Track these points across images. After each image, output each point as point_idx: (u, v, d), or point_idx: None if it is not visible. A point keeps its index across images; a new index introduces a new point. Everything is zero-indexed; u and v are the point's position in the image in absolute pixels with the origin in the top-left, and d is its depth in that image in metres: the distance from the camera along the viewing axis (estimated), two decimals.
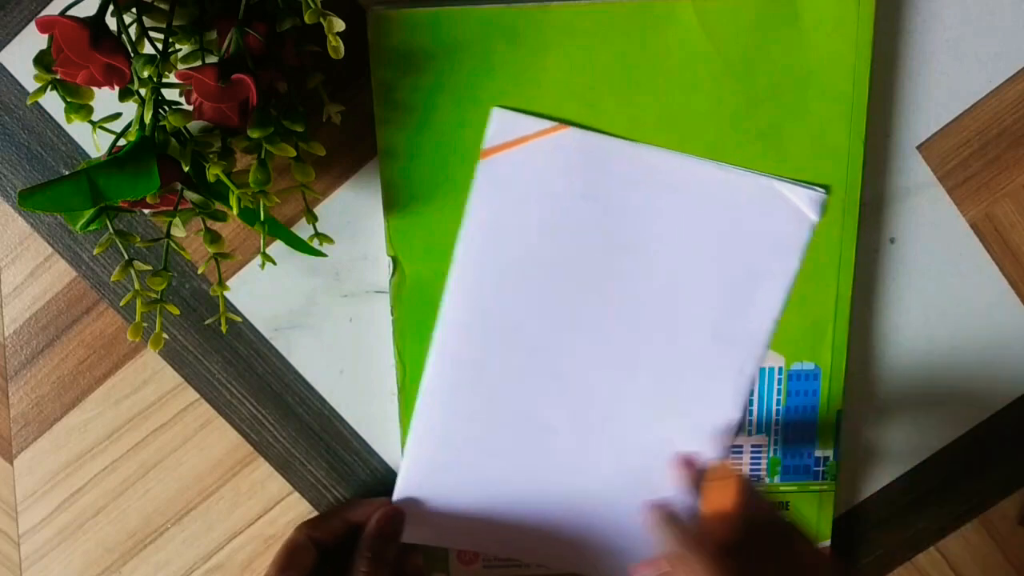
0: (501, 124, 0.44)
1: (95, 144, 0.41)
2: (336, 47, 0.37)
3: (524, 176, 0.44)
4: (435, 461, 0.48)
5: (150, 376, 0.50)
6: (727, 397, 0.46)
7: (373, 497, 0.50)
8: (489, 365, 0.47)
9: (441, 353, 0.46)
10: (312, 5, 0.36)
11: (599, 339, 0.46)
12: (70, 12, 0.37)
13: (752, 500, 0.42)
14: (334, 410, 0.50)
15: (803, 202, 0.44)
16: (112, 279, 0.40)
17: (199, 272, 0.48)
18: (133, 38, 0.38)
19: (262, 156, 0.39)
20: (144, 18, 0.39)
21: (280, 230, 0.44)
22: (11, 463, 0.51)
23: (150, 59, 0.37)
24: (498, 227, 0.45)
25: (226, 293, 0.44)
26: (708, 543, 0.40)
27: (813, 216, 0.44)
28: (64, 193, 0.36)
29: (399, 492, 0.48)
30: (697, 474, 0.45)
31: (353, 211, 0.46)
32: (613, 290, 0.45)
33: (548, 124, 0.44)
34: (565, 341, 0.46)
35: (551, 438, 0.47)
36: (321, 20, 0.36)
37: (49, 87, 0.38)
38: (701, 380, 0.46)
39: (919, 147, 0.46)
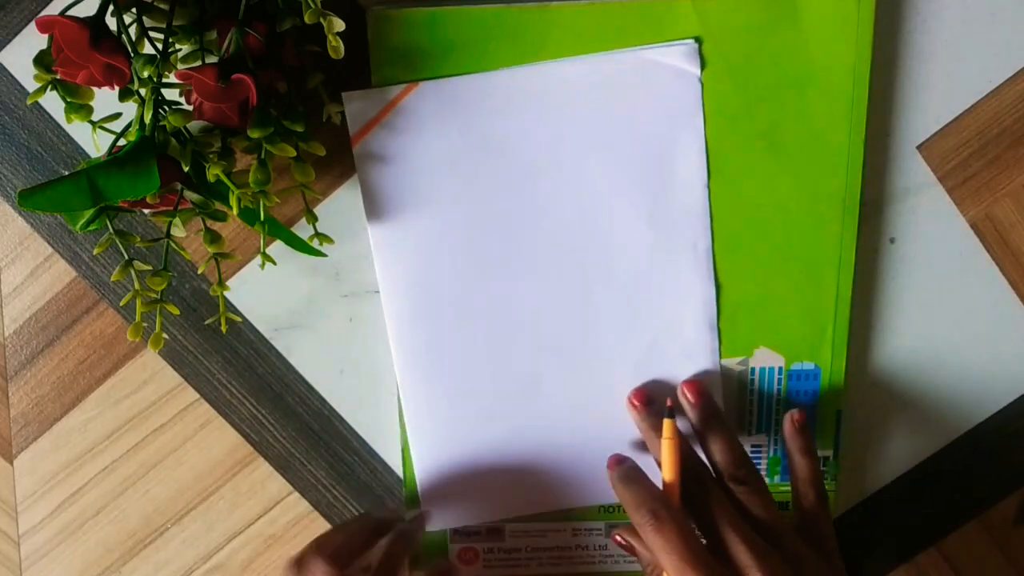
0: (355, 106, 0.43)
1: (95, 144, 0.41)
2: (336, 47, 0.37)
3: (400, 147, 0.44)
4: (440, 447, 0.48)
5: (150, 376, 0.50)
6: (692, 277, 0.45)
7: (377, 506, 0.50)
8: (451, 339, 0.46)
9: (402, 346, 0.46)
10: (312, 5, 0.36)
11: (546, 273, 0.45)
12: (70, 12, 0.37)
13: (692, 465, 0.42)
14: (334, 410, 0.50)
15: (679, 59, 0.42)
16: (112, 279, 0.40)
17: (199, 272, 0.48)
18: (133, 38, 0.38)
19: (262, 156, 0.39)
20: (144, 18, 0.39)
21: (280, 230, 0.44)
22: (11, 463, 0.51)
23: (150, 59, 0.37)
24: (399, 205, 0.44)
25: (226, 293, 0.44)
26: (672, 504, 0.40)
27: (694, 69, 0.43)
28: (64, 193, 0.36)
29: (421, 485, 0.48)
30: (653, 417, 0.45)
31: (353, 211, 0.46)
32: (538, 220, 0.45)
33: (400, 88, 0.43)
34: (514, 288, 0.46)
35: (540, 384, 0.47)
36: (321, 20, 0.36)
37: (49, 87, 0.38)
38: (659, 272, 0.45)
39: (919, 147, 0.46)
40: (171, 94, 0.39)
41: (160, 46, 0.38)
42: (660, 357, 0.46)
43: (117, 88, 0.38)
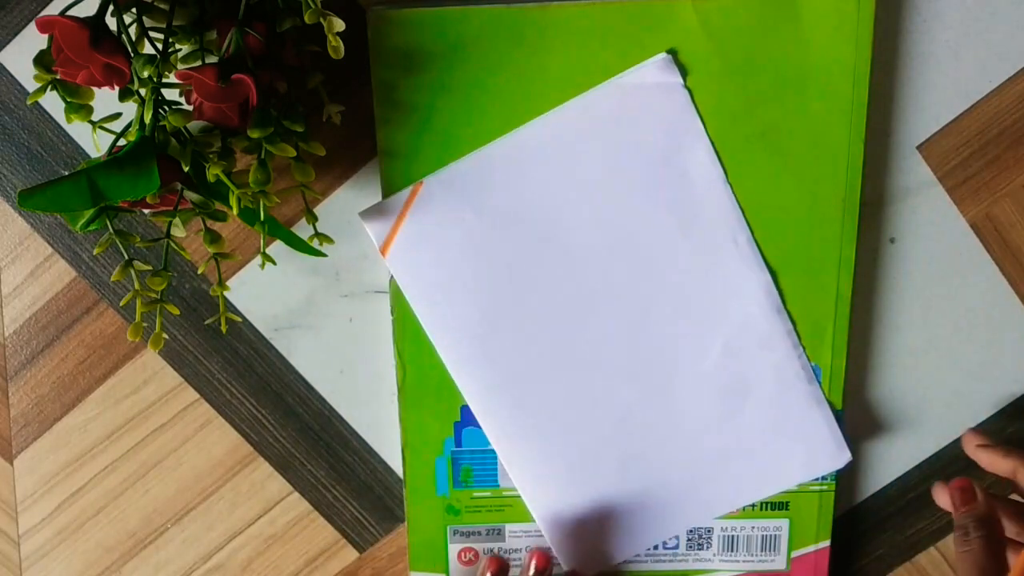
0: (374, 221, 0.45)
1: (95, 144, 0.41)
2: (336, 47, 0.37)
3: (426, 244, 0.45)
4: (554, 499, 0.49)
5: (150, 376, 0.50)
6: (743, 270, 0.45)
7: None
8: (537, 401, 0.47)
9: (491, 419, 0.47)
10: (312, 5, 0.36)
11: (602, 313, 0.46)
12: (70, 12, 0.37)
13: None
14: (334, 410, 0.50)
15: (658, 75, 0.43)
16: (112, 279, 0.40)
17: (199, 272, 0.48)
18: (133, 38, 0.38)
19: (262, 156, 0.39)
20: (144, 18, 0.39)
21: (280, 230, 0.44)
22: (11, 463, 0.51)
23: (150, 59, 0.37)
24: (444, 297, 0.46)
25: (226, 293, 0.44)
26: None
27: (675, 79, 0.43)
28: (64, 193, 0.36)
29: (549, 535, 0.49)
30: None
31: (353, 211, 0.46)
32: (577, 266, 0.45)
33: (407, 191, 0.44)
34: (578, 336, 0.46)
35: (631, 417, 0.47)
36: (321, 20, 0.36)
37: (49, 87, 0.38)
38: (709, 277, 0.45)
39: (919, 147, 0.46)
40: (171, 94, 0.39)
41: (160, 46, 0.38)
42: (737, 357, 0.46)
43: (117, 88, 0.38)
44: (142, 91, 0.38)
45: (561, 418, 0.47)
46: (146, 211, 0.45)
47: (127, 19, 0.38)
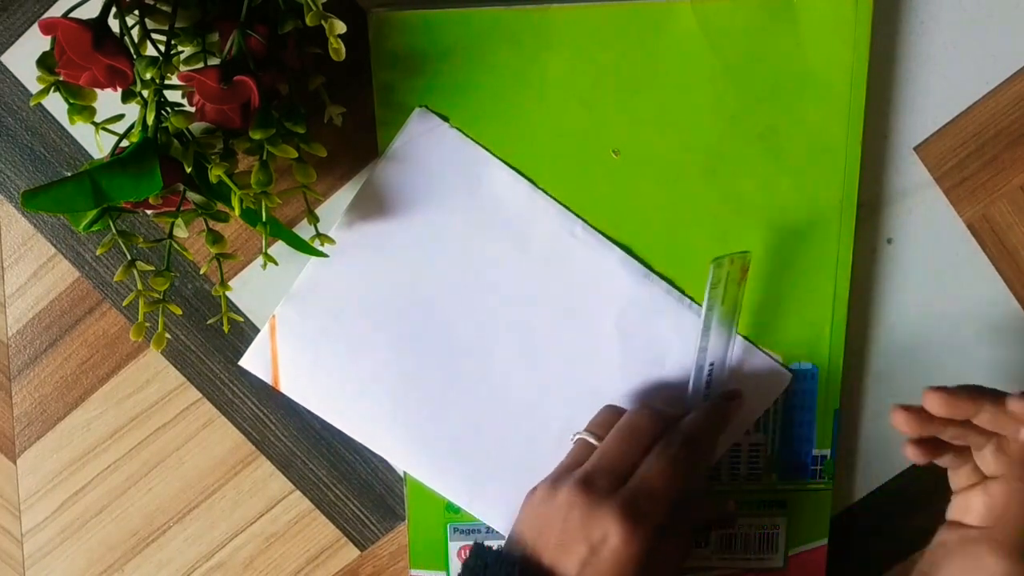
0: (255, 363, 0.48)
1: (98, 145, 0.41)
2: (337, 49, 0.37)
3: (307, 361, 0.48)
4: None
5: (152, 376, 0.50)
6: (592, 255, 0.45)
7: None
8: (489, 458, 0.48)
9: (457, 490, 0.49)
10: (313, 7, 0.36)
11: (510, 365, 0.47)
12: (73, 14, 0.37)
13: None
14: None
15: (422, 126, 0.44)
16: (115, 279, 0.40)
17: (201, 272, 0.48)
18: (135, 40, 0.38)
19: (264, 157, 0.39)
20: (146, 20, 0.39)
21: (282, 231, 0.44)
22: (14, 462, 0.52)
23: (152, 61, 0.38)
24: (345, 397, 0.48)
25: (228, 293, 0.44)
26: None
27: (438, 121, 0.44)
28: (67, 194, 0.37)
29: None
30: None
31: None
32: (459, 338, 0.47)
33: (266, 326, 0.47)
34: (501, 394, 0.47)
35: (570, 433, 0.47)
36: (322, 22, 0.36)
37: (52, 88, 0.38)
38: (568, 277, 0.46)
39: (916, 148, 0.46)
40: (173, 96, 0.40)
41: (162, 48, 0.38)
42: (634, 335, 0.46)
43: (120, 90, 0.39)
44: (144, 93, 0.38)
45: (515, 459, 0.48)
46: (148, 212, 0.45)
47: (130, 21, 0.38)
